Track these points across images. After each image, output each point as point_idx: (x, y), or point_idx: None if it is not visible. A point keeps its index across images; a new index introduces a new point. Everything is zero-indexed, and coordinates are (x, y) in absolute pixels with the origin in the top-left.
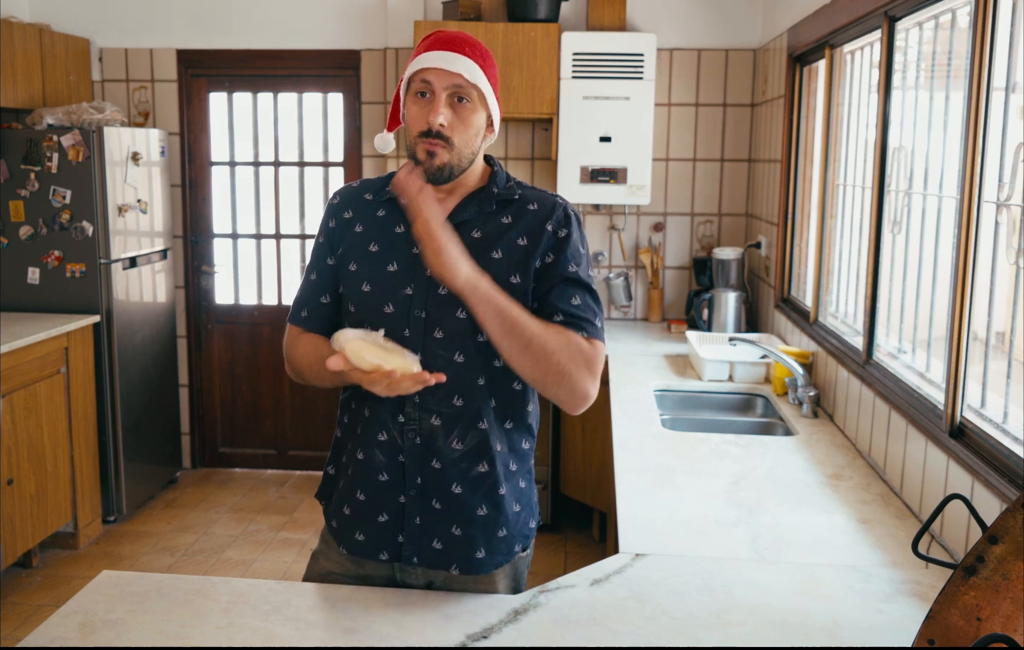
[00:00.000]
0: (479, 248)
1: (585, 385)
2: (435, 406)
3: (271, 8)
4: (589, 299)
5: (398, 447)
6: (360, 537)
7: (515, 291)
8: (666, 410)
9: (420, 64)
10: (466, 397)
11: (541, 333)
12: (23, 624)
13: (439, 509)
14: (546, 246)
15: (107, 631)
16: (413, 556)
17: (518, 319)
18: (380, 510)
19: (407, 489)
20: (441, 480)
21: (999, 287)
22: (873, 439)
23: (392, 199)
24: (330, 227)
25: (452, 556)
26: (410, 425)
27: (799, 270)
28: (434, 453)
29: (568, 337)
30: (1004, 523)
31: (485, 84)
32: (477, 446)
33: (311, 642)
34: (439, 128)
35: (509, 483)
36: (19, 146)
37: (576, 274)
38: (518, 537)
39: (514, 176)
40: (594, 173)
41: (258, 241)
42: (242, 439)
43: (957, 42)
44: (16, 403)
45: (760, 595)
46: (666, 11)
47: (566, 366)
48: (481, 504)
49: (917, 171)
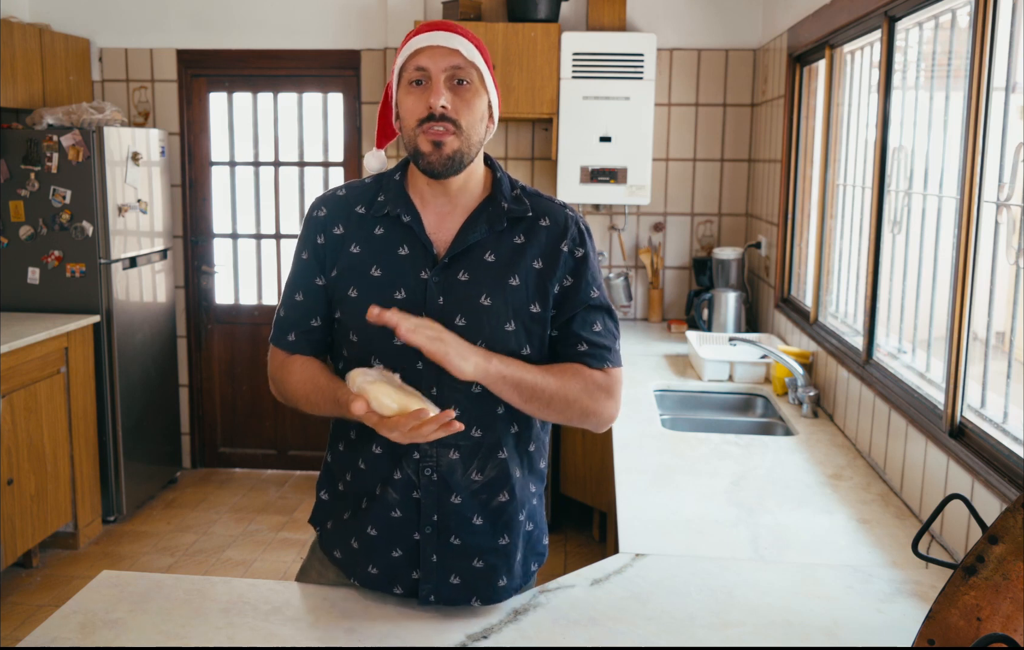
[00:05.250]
0: (495, 275)
1: (608, 413)
2: (452, 440)
3: (271, 8)
4: (609, 321)
5: (413, 484)
6: (373, 570)
7: (536, 320)
8: (666, 410)
9: (413, 46)
10: (485, 428)
11: (560, 388)
12: (23, 624)
13: (458, 545)
14: (564, 270)
15: (107, 631)
16: (430, 595)
17: (536, 384)
18: (393, 546)
19: (422, 527)
20: (460, 514)
21: (999, 287)
22: (873, 439)
23: (390, 216)
24: (318, 244)
25: (472, 589)
26: (426, 461)
27: (799, 270)
28: (452, 487)
29: (585, 378)
30: (1004, 523)
31: (483, 65)
32: (497, 476)
33: (311, 642)
34: (442, 110)
35: (526, 506)
36: (19, 146)
37: (598, 299)
38: (532, 556)
39: (514, 177)
40: (594, 173)
41: (258, 241)
42: (242, 439)
43: (957, 42)
44: (16, 403)
45: (760, 595)
46: (666, 11)
47: (588, 406)
48: (503, 533)
49: (917, 171)
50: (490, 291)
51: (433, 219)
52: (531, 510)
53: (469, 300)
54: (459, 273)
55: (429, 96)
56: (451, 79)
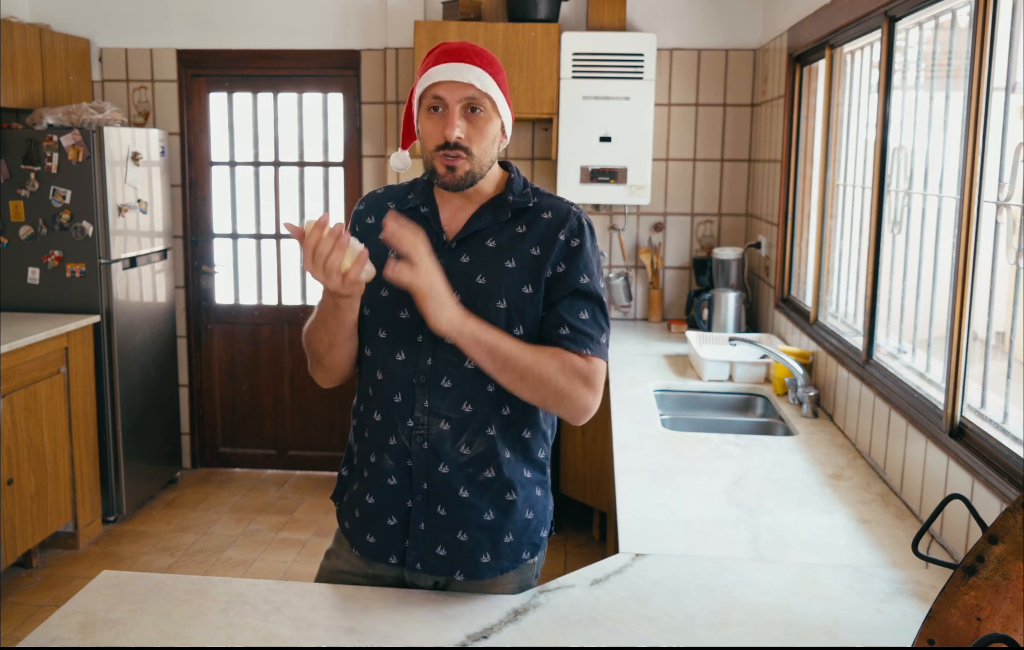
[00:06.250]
0: (493, 257)
1: (585, 402)
2: (444, 411)
3: (271, 8)
4: (598, 312)
5: (407, 451)
6: (371, 539)
7: (528, 301)
8: (666, 410)
9: (430, 80)
10: (475, 403)
11: (535, 362)
12: (23, 624)
13: (444, 515)
14: (558, 256)
15: (107, 631)
16: (417, 563)
17: (510, 353)
18: (389, 514)
19: (414, 494)
20: (448, 484)
21: (999, 287)
22: (873, 439)
23: (412, 209)
24: (355, 232)
25: (456, 562)
26: (419, 430)
27: (799, 270)
28: (441, 457)
29: (563, 359)
30: (1004, 523)
31: (496, 92)
32: (484, 452)
33: (311, 642)
34: (456, 139)
35: (524, 490)
36: (19, 146)
37: (587, 286)
38: (526, 544)
39: (531, 182)
40: (594, 173)
41: (258, 241)
42: (242, 439)
43: (957, 42)
44: (16, 403)
45: (760, 595)
46: (666, 11)
47: (563, 388)
48: (488, 509)
49: (917, 171)
50: (486, 272)
51: (448, 213)
52: (532, 499)
53: (467, 279)
54: (462, 256)
55: (445, 126)
56: (466, 108)
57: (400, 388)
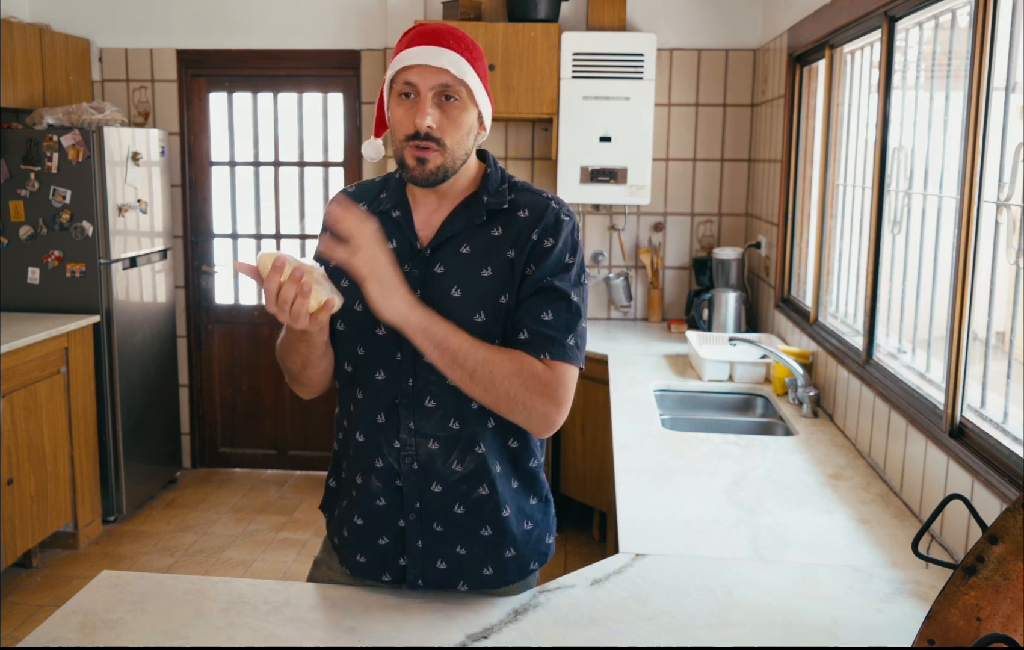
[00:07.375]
0: (469, 266)
1: (543, 411)
2: (432, 430)
3: (271, 8)
4: (565, 313)
5: (395, 473)
6: (361, 559)
7: (505, 311)
8: (666, 410)
9: (401, 62)
10: (462, 420)
11: (486, 361)
12: (23, 624)
13: (441, 532)
14: (528, 256)
15: (107, 631)
16: (418, 579)
17: (459, 349)
18: (379, 534)
19: (406, 514)
20: (442, 503)
21: (999, 287)
22: (873, 439)
23: (383, 212)
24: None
25: (459, 573)
26: (406, 451)
27: (799, 270)
28: (433, 476)
29: (521, 362)
30: (1004, 523)
31: (473, 78)
32: (476, 469)
33: (311, 642)
34: (427, 130)
35: (514, 504)
36: (19, 146)
37: (552, 284)
38: (532, 555)
39: (513, 175)
40: (594, 173)
41: (258, 241)
42: (242, 439)
43: (957, 42)
44: (16, 403)
45: (760, 595)
46: (666, 11)
47: (517, 393)
48: (484, 526)
49: (917, 171)
50: (461, 283)
51: (423, 215)
52: (526, 508)
53: (442, 292)
54: (436, 266)
55: (415, 114)
56: (439, 95)
57: (383, 409)
